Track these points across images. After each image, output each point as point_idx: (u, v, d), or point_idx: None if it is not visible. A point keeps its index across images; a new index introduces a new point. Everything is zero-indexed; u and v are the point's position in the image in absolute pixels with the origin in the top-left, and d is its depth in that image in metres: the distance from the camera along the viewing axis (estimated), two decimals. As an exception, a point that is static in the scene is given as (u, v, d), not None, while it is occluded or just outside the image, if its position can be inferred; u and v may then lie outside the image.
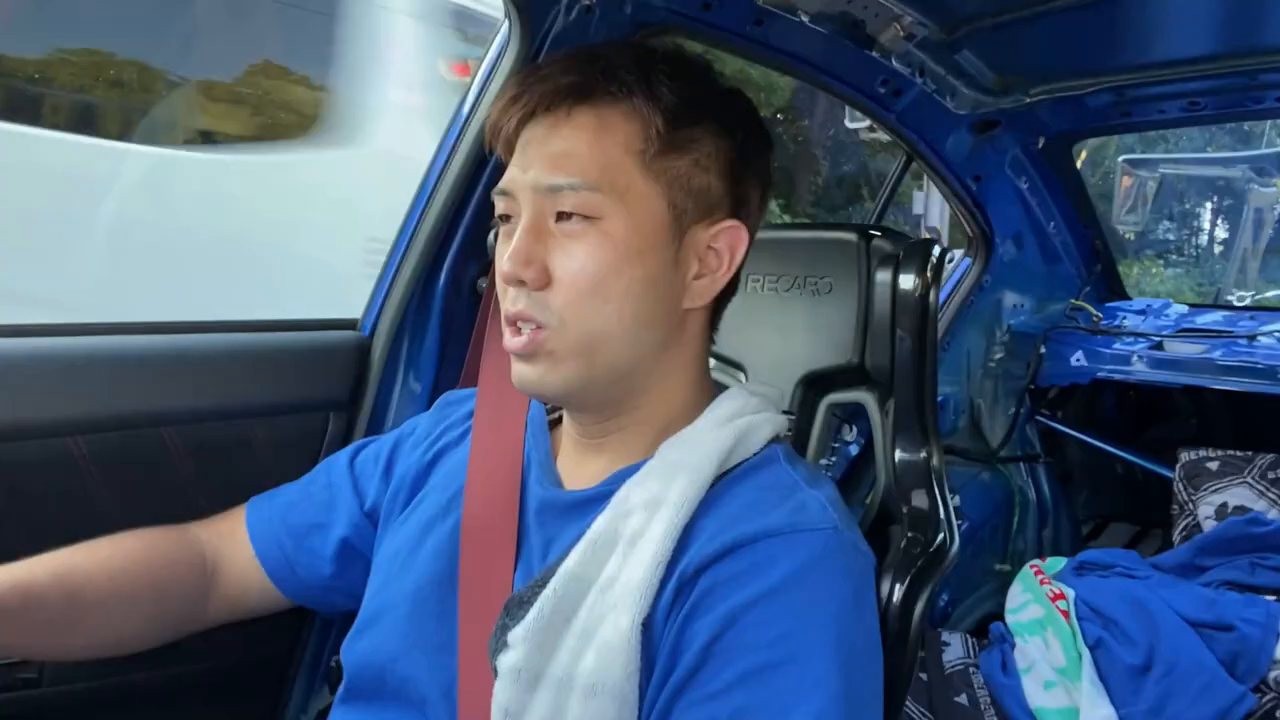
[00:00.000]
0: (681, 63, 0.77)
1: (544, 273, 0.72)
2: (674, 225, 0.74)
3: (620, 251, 0.72)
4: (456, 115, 1.24)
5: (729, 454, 0.74)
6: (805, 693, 0.63)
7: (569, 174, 0.71)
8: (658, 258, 0.73)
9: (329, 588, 0.93)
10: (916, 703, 1.76)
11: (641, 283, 0.73)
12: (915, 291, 0.91)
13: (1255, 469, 1.97)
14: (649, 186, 0.73)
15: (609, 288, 0.72)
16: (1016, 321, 2.24)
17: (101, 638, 0.87)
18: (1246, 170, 4.17)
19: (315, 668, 1.20)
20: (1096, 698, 1.63)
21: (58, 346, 1.05)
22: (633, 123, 0.73)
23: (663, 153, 0.73)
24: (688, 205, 0.74)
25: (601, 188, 0.71)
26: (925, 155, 1.83)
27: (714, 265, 0.77)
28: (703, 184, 0.75)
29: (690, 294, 0.76)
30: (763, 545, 0.68)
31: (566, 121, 0.73)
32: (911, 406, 0.93)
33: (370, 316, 1.26)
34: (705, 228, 0.76)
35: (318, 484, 0.96)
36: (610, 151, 0.72)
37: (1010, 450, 2.30)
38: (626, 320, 0.73)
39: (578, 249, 0.71)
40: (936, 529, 0.90)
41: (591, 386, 0.75)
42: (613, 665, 0.67)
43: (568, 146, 0.72)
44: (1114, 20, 1.46)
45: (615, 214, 0.71)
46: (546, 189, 0.72)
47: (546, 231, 0.72)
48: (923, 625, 0.84)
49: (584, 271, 0.71)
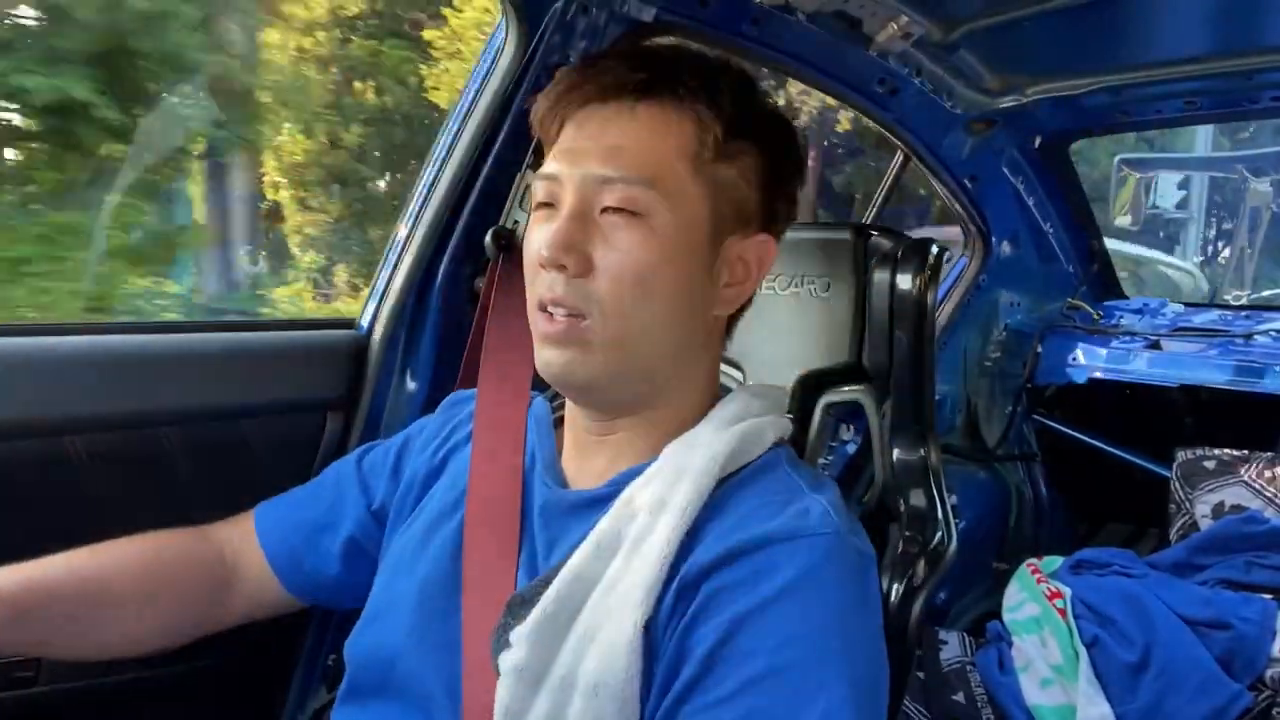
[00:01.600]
0: (739, 77, 0.79)
1: (586, 261, 0.72)
2: (714, 232, 0.75)
3: (664, 250, 0.72)
4: (454, 112, 1.24)
5: (733, 457, 0.74)
6: (810, 697, 0.63)
7: (622, 168, 0.72)
8: (697, 262, 0.75)
9: (337, 586, 0.93)
10: (914, 701, 1.76)
11: (679, 283, 0.74)
12: (913, 290, 0.91)
13: (1252, 468, 1.97)
14: (697, 190, 0.74)
15: (650, 283, 0.73)
16: (1013, 320, 2.24)
17: (120, 637, 0.88)
18: (1244, 170, 4.19)
19: (313, 666, 1.21)
20: (1093, 695, 1.63)
21: (57, 346, 1.05)
22: (690, 127, 0.74)
23: (714, 161, 0.74)
24: (728, 214, 0.76)
25: (654, 185, 0.72)
26: (922, 155, 1.83)
27: (741, 276, 0.78)
28: (743, 196, 0.76)
29: (721, 301, 0.78)
30: (765, 551, 0.68)
31: (627, 116, 0.74)
32: (909, 405, 0.93)
33: (368, 315, 1.26)
34: (740, 239, 0.77)
35: (326, 484, 0.97)
36: (665, 152, 0.73)
37: (1007, 449, 2.30)
38: (661, 318, 0.74)
39: (623, 241, 0.72)
40: (934, 528, 0.90)
41: (618, 381, 0.75)
42: (614, 666, 0.67)
43: (624, 141, 0.73)
44: (1111, 20, 1.47)
45: (662, 212, 0.72)
46: (598, 180, 0.72)
47: (591, 221, 0.73)
48: (920, 623, 0.84)
49: (627, 265, 0.72)
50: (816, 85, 1.56)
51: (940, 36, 1.52)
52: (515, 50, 1.18)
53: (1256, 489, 1.95)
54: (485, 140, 1.20)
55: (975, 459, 2.25)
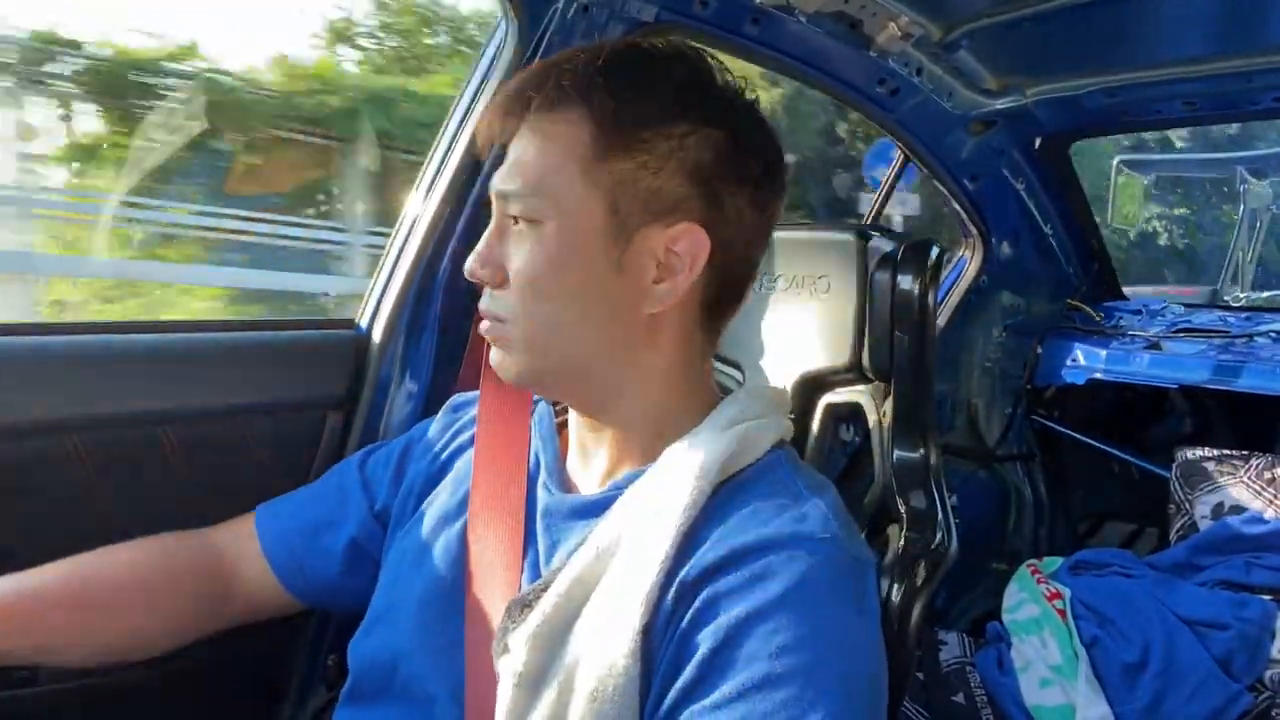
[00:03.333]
0: (637, 64, 0.76)
1: (501, 271, 0.76)
2: (616, 228, 0.73)
3: (554, 253, 0.74)
4: (453, 113, 1.24)
5: (731, 459, 0.74)
6: (807, 705, 0.62)
7: (514, 180, 0.75)
8: (596, 260, 0.74)
9: (338, 587, 0.93)
10: (913, 702, 1.76)
11: (580, 283, 0.74)
12: (913, 291, 0.91)
13: (1252, 469, 1.97)
14: (587, 191, 0.73)
15: (545, 287, 0.75)
16: (1013, 321, 2.24)
17: (118, 644, 0.88)
18: (1243, 171, 4.18)
19: (313, 667, 1.20)
20: (1092, 696, 1.64)
21: (56, 346, 1.05)
22: (573, 128, 0.74)
23: (605, 158, 0.73)
24: (634, 208, 0.73)
25: (540, 192, 0.74)
26: (922, 155, 1.83)
27: (675, 268, 0.74)
28: (653, 186, 0.73)
29: (651, 298, 0.75)
30: (763, 556, 0.67)
31: (526, 130, 0.76)
32: (909, 406, 0.93)
33: (367, 315, 1.26)
34: (660, 230, 0.74)
35: (328, 486, 0.97)
36: (552, 158, 0.74)
37: (1007, 449, 2.30)
38: (569, 318, 0.75)
39: (520, 251, 0.75)
40: (935, 529, 0.90)
41: (547, 378, 0.78)
42: (614, 670, 0.66)
43: (522, 154, 0.76)
44: (1111, 20, 1.47)
45: (551, 217, 0.74)
46: (502, 195, 0.76)
47: (510, 233, 0.76)
48: (920, 625, 0.84)
49: (523, 272, 0.75)
50: (817, 85, 1.56)
51: (940, 37, 1.52)
52: (516, 50, 1.18)
53: (1256, 490, 1.95)
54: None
55: (975, 459, 2.25)
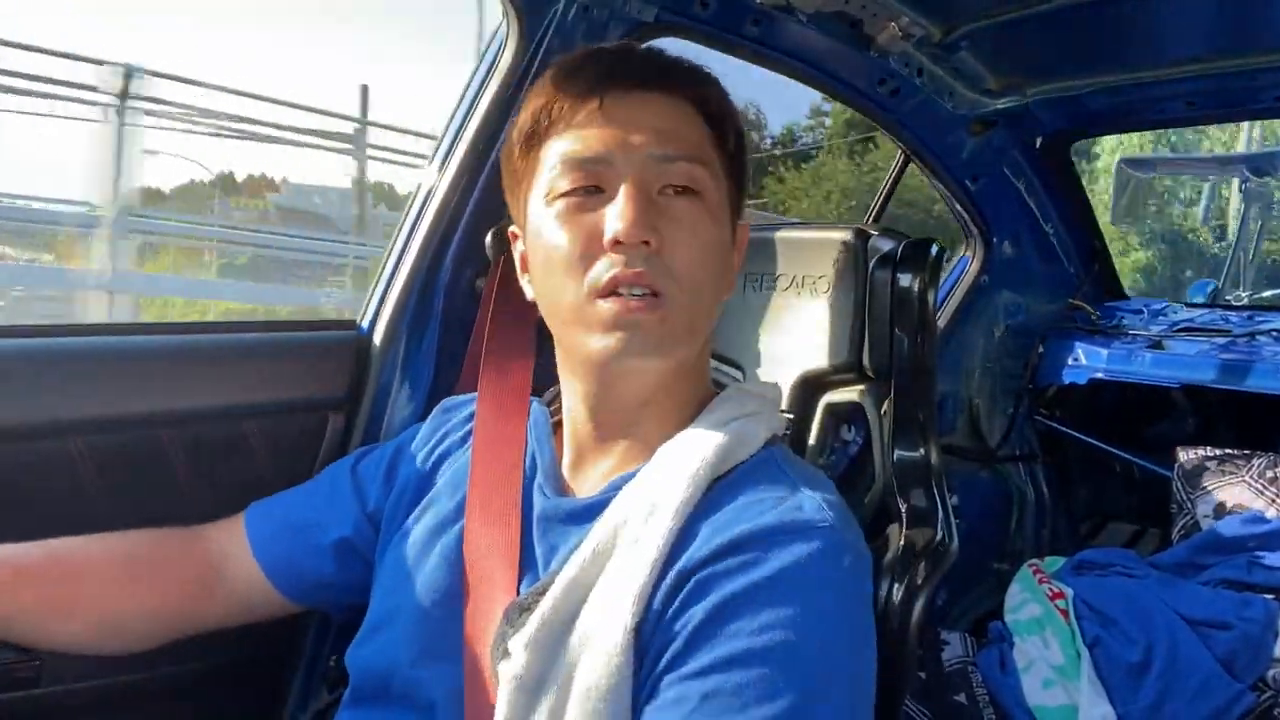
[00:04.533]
0: (716, 78, 0.82)
1: (658, 237, 0.73)
2: (736, 207, 0.81)
3: (714, 224, 0.76)
4: (455, 114, 1.25)
5: (725, 457, 0.74)
6: (782, 685, 0.62)
7: (681, 147, 0.74)
8: (728, 235, 0.79)
9: (328, 586, 0.93)
10: (915, 701, 1.76)
11: (727, 260, 0.79)
12: (913, 290, 0.91)
13: (1253, 468, 1.97)
14: (720, 168, 0.78)
15: (714, 258, 0.76)
16: (1014, 321, 2.23)
17: (99, 627, 0.88)
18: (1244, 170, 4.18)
19: (314, 668, 1.20)
20: (1095, 696, 1.63)
21: (57, 346, 1.05)
22: (691, 109, 0.78)
23: (714, 142, 0.78)
24: (735, 192, 0.81)
25: (700, 161, 0.75)
26: (923, 155, 1.83)
27: (735, 261, 0.82)
28: (739, 178, 0.81)
29: (730, 279, 0.82)
30: (758, 543, 0.68)
31: (660, 101, 0.76)
32: (910, 406, 0.93)
33: (369, 316, 1.26)
34: (737, 223, 0.82)
35: (320, 487, 0.97)
36: (700, 132, 0.77)
37: (1008, 449, 2.30)
38: (718, 293, 0.78)
39: (686, 217, 0.74)
40: (935, 528, 0.90)
41: (672, 358, 0.76)
42: (607, 670, 0.67)
43: (670, 124, 0.75)
44: (1112, 19, 1.47)
45: (712, 190, 0.76)
46: (660, 159, 0.74)
47: (653, 200, 0.74)
48: (922, 624, 0.84)
49: (692, 239, 0.74)
50: (817, 86, 1.56)
51: (941, 37, 1.52)
52: (516, 50, 1.18)
53: (1258, 489, 1.95)
54: (486, 141, 1.20)
55: (977, 459, 2.25)
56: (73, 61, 8.32)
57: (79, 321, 7.00)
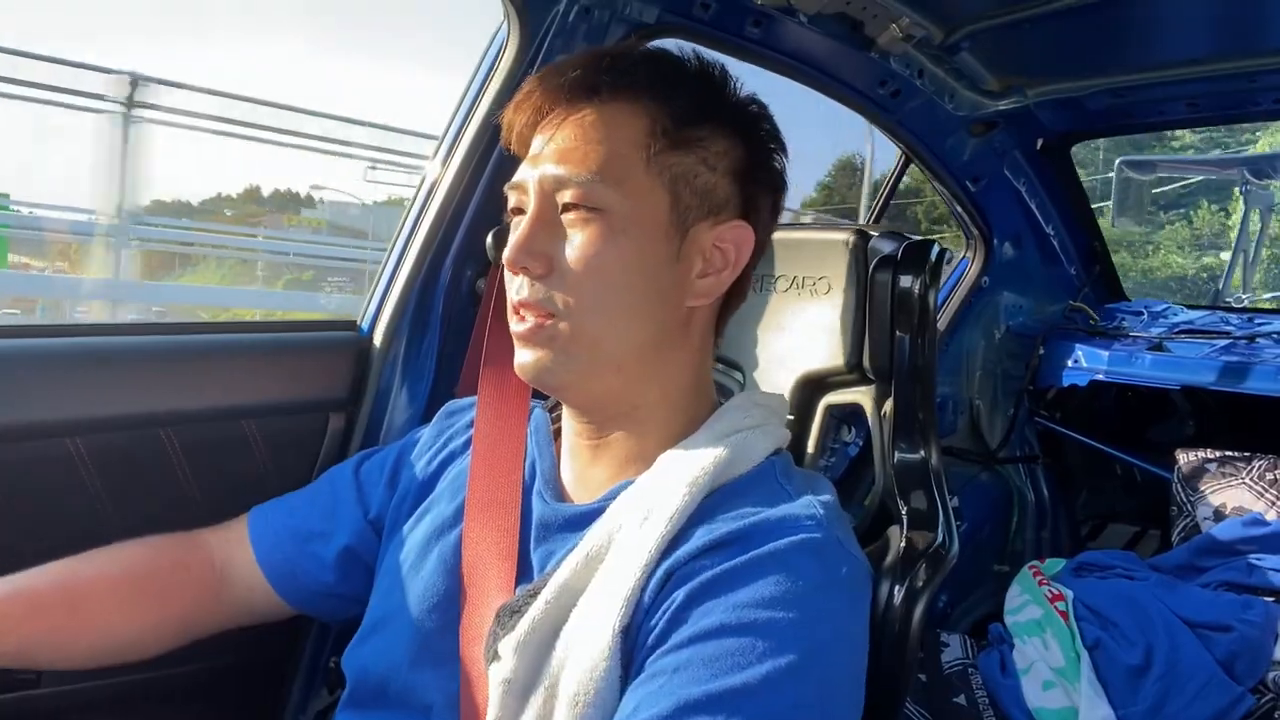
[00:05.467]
0: (694, 65, 0.79)
1: (546, 261, 0.73)
2: (677, 220, 0.75)
3: (620, 241, 0.73)
4: (455, 115, 1.24)
5: (725, 468, 0.74)
6: (756, 659, 0.62)
7: (573, 166, 0.73)
8: (658, 250, 0.75)
9: (330, 594, 0.93)
10: (915, 703, 1.76)
11: (641, 272, 0.74)
12: (914, 292, 0.91)
13: (1254, 470, 1.97)
14: (651, 180, 0.74)
15: (609, 275, 0.73)
16: (1015, 322, 2.24)
17: (105, 645, 0.87)
18: (1244, 172, 4.17)
19: (314, 670, 1.20)
20: (1095, 698, 1.63)
21: (58, 347, 1.05)
22: (639, 119, 0.75)
23: (667, 149, 0.75)
24: (692, 202, 0.76)
25: (605, 179, 0.73)
26: (924, 156, 1.83)
27: (719, 264, 0.78)
28: (709, 183, 0.76)
29: (694, 291, 0.77)
30: (742, 537, 0.69)
31: (579, 116, 0.75)
32: (910, 407, 0.93)
33: (369, 317, 1.26)
34: (710, 226, 0.77)
35: (321, 491, 0.96)
36: (615, 146, 0.74)
37: (1009, 451, 2.30)
38: (626, 309, 0.74)
39: (579, 237, 0.73)
40: (936, 530, 0.89)
41: (592, 376, 0.76)
42: (594, 674, 0.67)
43: (576, 141, 0.74)
44: (1113, 21, 1.47)
45: (616, 205, 0.73)
46: (553, 180, 0.74)
47: (553, 223, 0.74)
48: (922, 626, 0.84)
49: (584, 258, 0.73)
50: (818, 87, 1.56)
51: (942, 38, 1.52)
52: (517, 52, 1.18)
53: (1258, 491, 1.95)
54: (487, 142, 1.20)
55: (977, 461, 2.25)
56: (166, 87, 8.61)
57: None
